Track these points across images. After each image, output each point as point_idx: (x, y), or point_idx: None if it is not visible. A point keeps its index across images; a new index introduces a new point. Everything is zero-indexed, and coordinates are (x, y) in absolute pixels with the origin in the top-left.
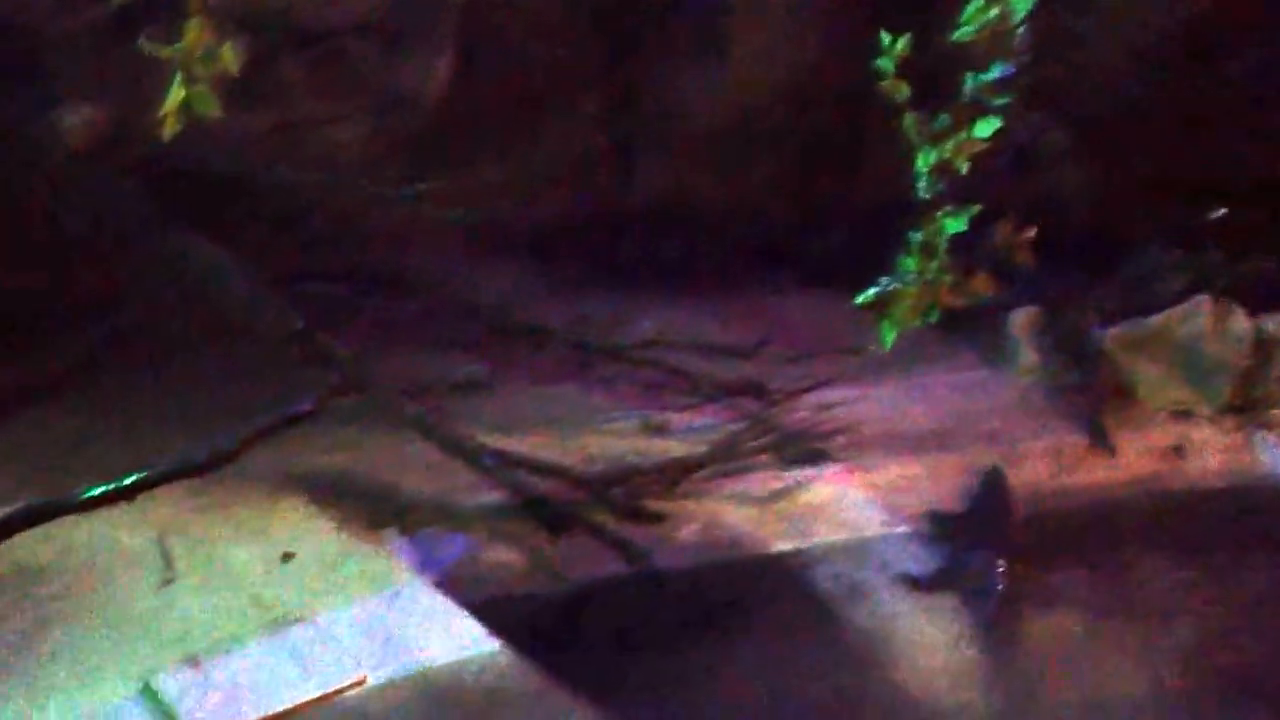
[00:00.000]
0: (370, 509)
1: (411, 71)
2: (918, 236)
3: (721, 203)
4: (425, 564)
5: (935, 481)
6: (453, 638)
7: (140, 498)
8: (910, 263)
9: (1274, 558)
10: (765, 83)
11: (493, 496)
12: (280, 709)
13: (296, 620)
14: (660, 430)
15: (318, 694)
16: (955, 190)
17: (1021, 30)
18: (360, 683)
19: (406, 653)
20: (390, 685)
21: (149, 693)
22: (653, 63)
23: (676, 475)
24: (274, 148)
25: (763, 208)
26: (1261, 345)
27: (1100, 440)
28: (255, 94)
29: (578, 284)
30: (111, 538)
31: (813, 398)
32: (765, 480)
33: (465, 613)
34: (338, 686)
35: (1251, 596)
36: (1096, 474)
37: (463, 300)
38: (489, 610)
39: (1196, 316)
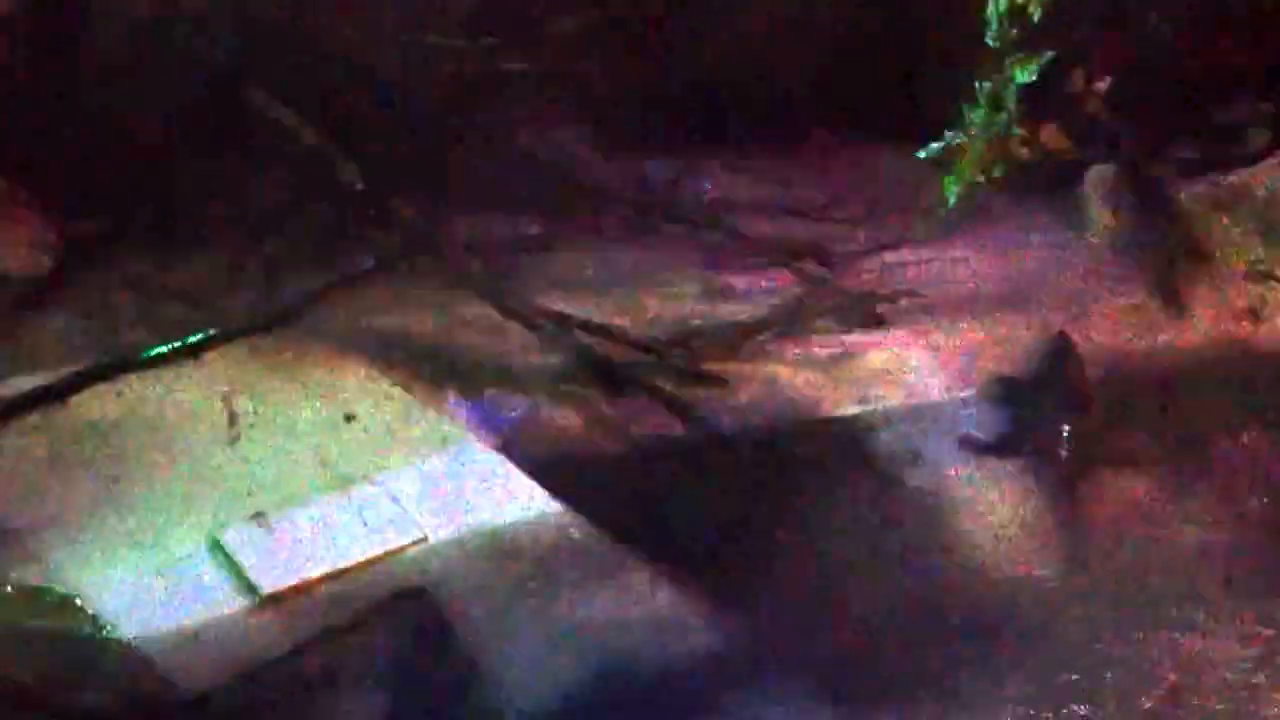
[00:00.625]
0: (432, 370)
1: None
2: (986, 86)
3: (788, 62)
4: (485, 425)
5: (1002, 345)
6: (512, 497)
7: (206, 356)
8: (977, 114)
9: None
10: None
11: (553, 358)
12: (343, 565)
13: (359, 479)
14: (722, 293)
15: (380, 551)
16: (1029, 38)
17: None
18: (422, 541)
19: (467, 512)
20: (451, 543)
21: (216, 546)
22: None
23: (737, 338)
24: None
25: (829, 65)
26: None
27: (1173, 301)
28: None
29: (642, 145)
30: (179, 396)
31: (878, 260)
32: (827, 344)
33: (524, 473)
34: (399, 544)
35: None
36: (1169, 336)
37: (528, 160)
38: (548, 470)
39: (1276, 174)
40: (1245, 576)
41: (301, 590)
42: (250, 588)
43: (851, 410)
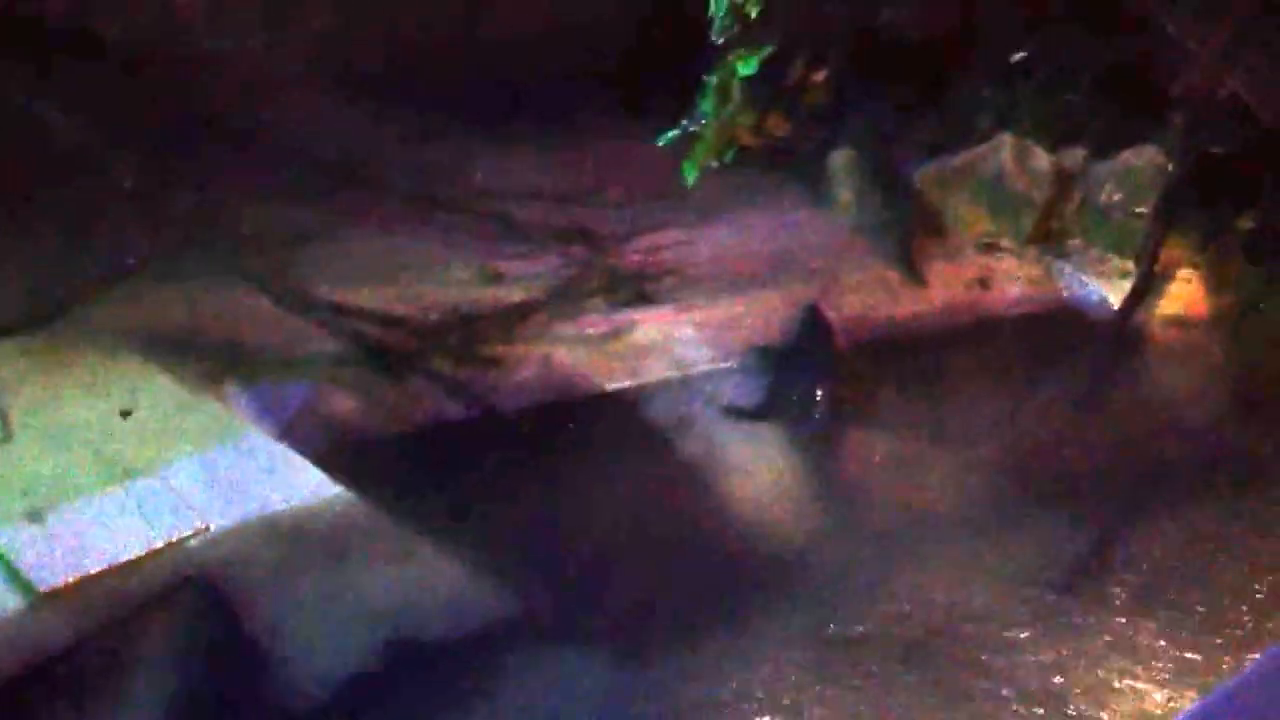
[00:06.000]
0: (210, 362)
1: None
2: (712, 79)
3: (557, 47)
4: (265, 414)
5: (759, 317)
6: (294, 484)
7: None
8: (707, 104)
9: (1067, 374)
10: None
11: (332, 346)
12: (123, 558)
13: (138, 473)
14: (496, 278)
15: (161, 543)
16: (750, 33)
17: None
18: (203, 531)
19: (248, 501)
20: (233, 533)
21: None
22: None
23: (511, 321)
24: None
25: (597, 52)
26: (1060, 180)
27: (912, 273)
28: None
29: (419, 134)
30: None
31: (643, 241)
32: (597, 323)
33: (306, 460)
34: (180, 535)
35: (1045, 409)
36: (909, 305)
37: (306, 152)
38: (329, 455)
39: (999, 153)
40: (988, 517)
41: (81, 586)
42: (27, 586)
43: (623, 384)
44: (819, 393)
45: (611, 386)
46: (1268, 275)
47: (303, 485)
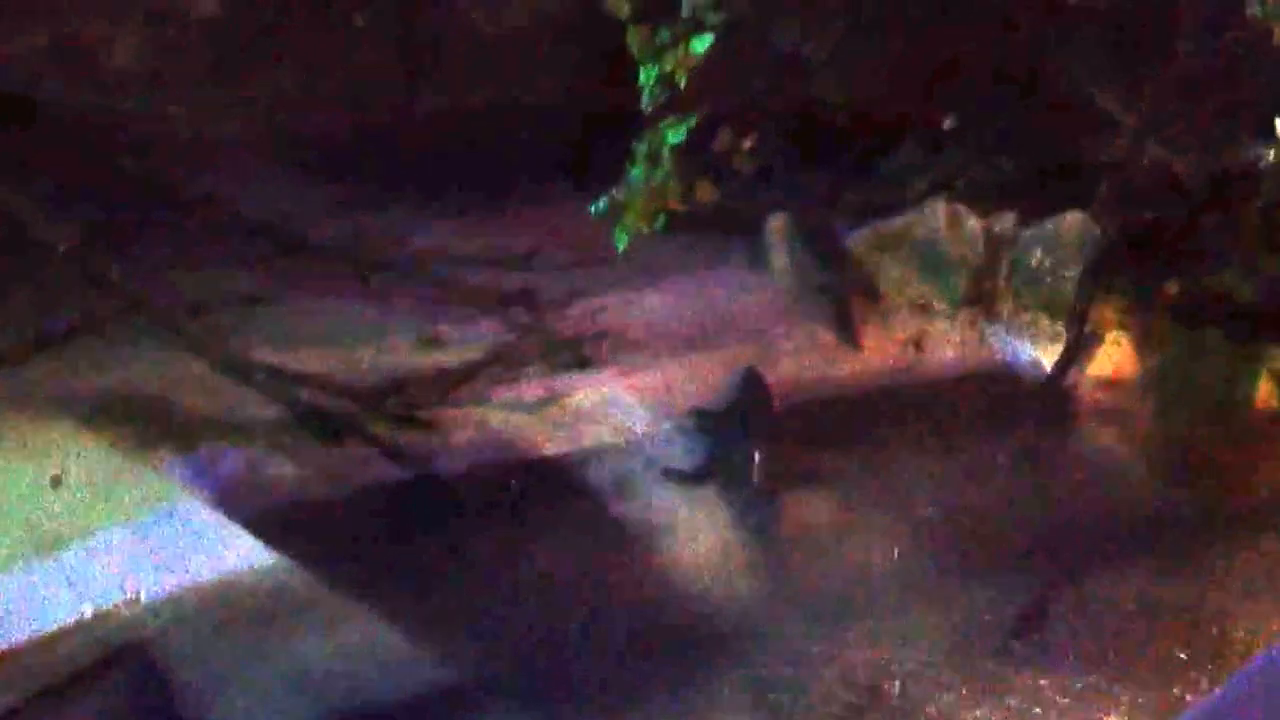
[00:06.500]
0: (145, 429)
1: None
2: (642, 147)
3: (498, 118)
4: (200, 480)
5: (697, 380)
6: (227, 552)
7: None
8: (637, 171)
9: (1000, 435)
10: (542, 3)
11: (269, 411)
12: (52, 629)
13: (69, 542)
14: (434, 342)
15: (90, 614)
16: (679, 102)
17: None
18: (134, 601)
19: (181, 569)
20: (165, 602)
21: None
22: None
23: (449, 384)
24: (50, 66)
25: (538, 122)
26: (991, 244)
27: (847, 335)
28: (27, 12)
29: (359, 200)
30: None
31: (581, 306)
32: (536, 387)
33: (239, 526)
34: (111, 605)
35: (981, 470)
36: (845, 367)
37: (246, 217)
38: (265, 523)
39: (933, 218)
40: (924, 579)
41: (7, 658)
42: None
43: (562, 448)
44: (757, 455)
45: (550, 450)
46: (1194, 338)
47: (237, 553)
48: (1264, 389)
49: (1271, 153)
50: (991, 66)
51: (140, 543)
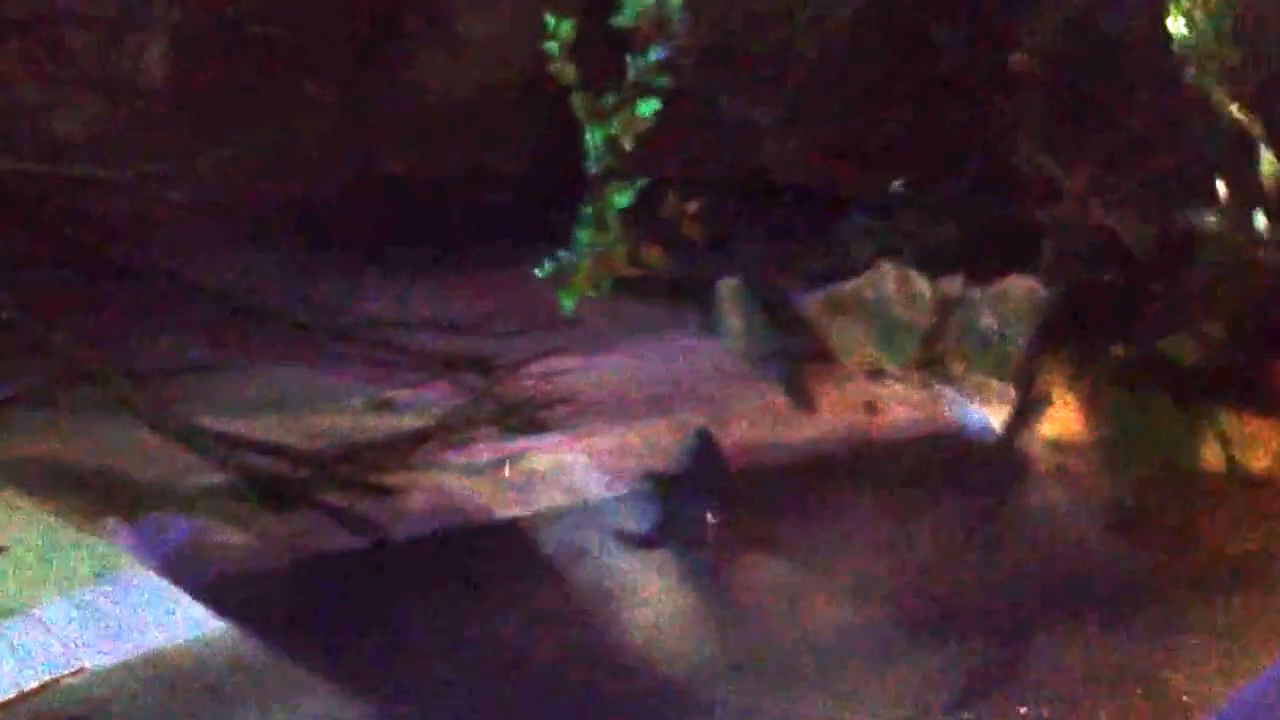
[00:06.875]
0: (91, 497)
1: (128, 58)
2: (589, 210)
3: (454, 183)
4: (148, 550)
5: (651, 445)
6: (176, 621)
7: None
8: (583, 234)
9: (953, 498)
10: (496, 70)
11: (218, 479)
12: None
13: (10, 612)
14: (387, 406)
15: (34, 685)
16: (625, 165)
17: (680, 15)
18: (80, 671)
19: (128, 639)
20: (112, 672)
21: None
22: (389, 49)
23: (402, 449)
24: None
25: (494, 186)
26: (941, 306)
27: (800, 399)
28: None
29: (312, 266)
30: None
31: (535, 369)
32: (490, 451)
33: (188, 596)
34: (55, 676)
35: (933, 532)
36: (798, 430)
37: (194, 284)
38: (214, 592)
39: (884, 281)
40: (876, 643)
41: None
42: None
43: (515, 513)
44: (710, 518)
45: (503, 515)
46: (1141, 400)
47: (185, 622)
48: (1211, 451)
49: (1213, 217)
50: (939, 132)
51: (86, 612)
